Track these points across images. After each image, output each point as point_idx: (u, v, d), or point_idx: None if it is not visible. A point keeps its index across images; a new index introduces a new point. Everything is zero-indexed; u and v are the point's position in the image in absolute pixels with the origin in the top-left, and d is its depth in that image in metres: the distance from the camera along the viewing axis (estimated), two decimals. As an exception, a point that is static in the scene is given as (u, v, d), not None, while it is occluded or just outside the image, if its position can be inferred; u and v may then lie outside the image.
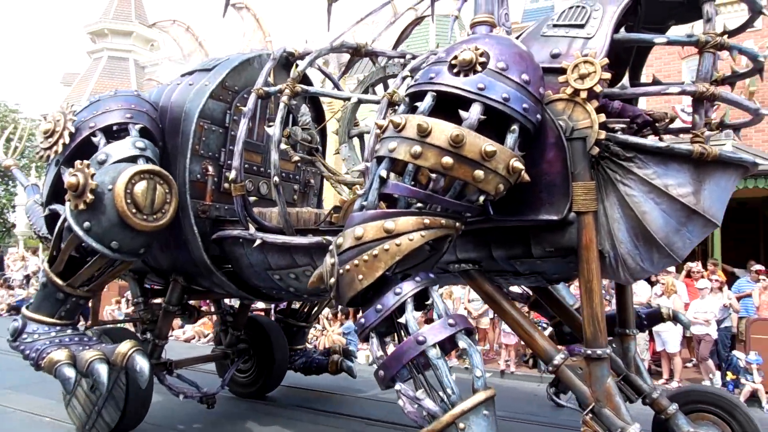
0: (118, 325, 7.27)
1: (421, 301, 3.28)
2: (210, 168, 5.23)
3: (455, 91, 3.21)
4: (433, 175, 3.24)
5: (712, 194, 3.31)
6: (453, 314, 3.24)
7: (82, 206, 4.30)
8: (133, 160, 4.64)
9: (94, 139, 4.79)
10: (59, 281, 4.64)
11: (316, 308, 7.34)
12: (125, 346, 4.41)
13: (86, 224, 4.36)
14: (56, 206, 5.00)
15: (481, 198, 3.28)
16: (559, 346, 4.62)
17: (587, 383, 3.37)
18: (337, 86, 5.72)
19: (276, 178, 4.41)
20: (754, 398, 7.89)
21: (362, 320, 3.24)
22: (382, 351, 3.18)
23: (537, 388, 8.39)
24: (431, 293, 3.24)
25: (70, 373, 4.27)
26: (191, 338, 12.50)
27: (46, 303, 4.72)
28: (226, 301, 7.03)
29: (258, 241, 4.55)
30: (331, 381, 8.12)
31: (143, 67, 24.64)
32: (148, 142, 4.83)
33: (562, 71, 3.47)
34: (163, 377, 5.56)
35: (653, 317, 5.31)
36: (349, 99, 4.31)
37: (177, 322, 10.02)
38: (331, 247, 3.36)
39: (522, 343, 9.76)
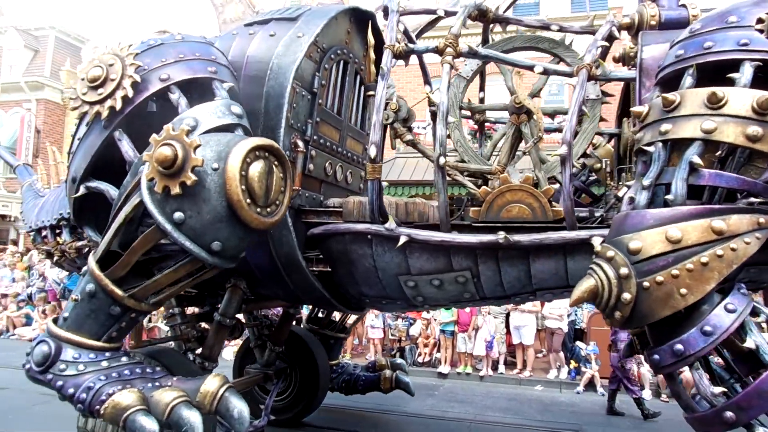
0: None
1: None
2: (299, 143, 4.10)
3: None
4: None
5: None
6: None
7: (176, 190, 3.01)
8: (228, 129, 3.40)
9: (172, 96, 3.50)
10: (119, 291, 3.30)
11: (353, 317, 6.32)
12: (213, 384, 3.23)
13: (177, 215, 3.07)
14: (98, 183, 3.62)
15: None
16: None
17: None
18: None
19: (442, 158, 3.47)
20: (591, 384, 8.77)
21: (680, 346, 2.52)
22: (715, 387, 2.52)
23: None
24: (759, 307, 2.66)
25: (150, 425, 3.01)
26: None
27: (92, 320, 3.35)
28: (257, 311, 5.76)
29: (403, 239, 3.56)
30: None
31: (-16, 35, 21.23)
32: (242, 107, 3.61)
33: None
34: (213, 410, 4.27)
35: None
36: (532, 68, 3.50)
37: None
38: (609, 254, 2.63)
39: (390, 337, 10.25)
